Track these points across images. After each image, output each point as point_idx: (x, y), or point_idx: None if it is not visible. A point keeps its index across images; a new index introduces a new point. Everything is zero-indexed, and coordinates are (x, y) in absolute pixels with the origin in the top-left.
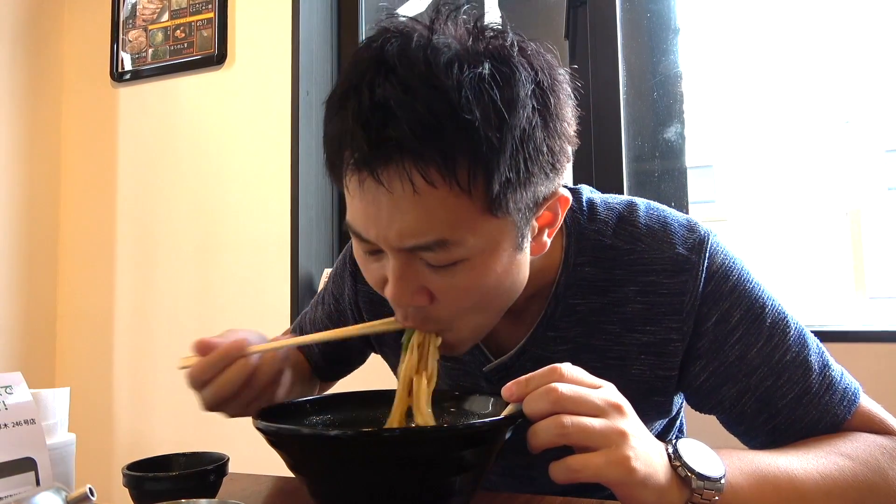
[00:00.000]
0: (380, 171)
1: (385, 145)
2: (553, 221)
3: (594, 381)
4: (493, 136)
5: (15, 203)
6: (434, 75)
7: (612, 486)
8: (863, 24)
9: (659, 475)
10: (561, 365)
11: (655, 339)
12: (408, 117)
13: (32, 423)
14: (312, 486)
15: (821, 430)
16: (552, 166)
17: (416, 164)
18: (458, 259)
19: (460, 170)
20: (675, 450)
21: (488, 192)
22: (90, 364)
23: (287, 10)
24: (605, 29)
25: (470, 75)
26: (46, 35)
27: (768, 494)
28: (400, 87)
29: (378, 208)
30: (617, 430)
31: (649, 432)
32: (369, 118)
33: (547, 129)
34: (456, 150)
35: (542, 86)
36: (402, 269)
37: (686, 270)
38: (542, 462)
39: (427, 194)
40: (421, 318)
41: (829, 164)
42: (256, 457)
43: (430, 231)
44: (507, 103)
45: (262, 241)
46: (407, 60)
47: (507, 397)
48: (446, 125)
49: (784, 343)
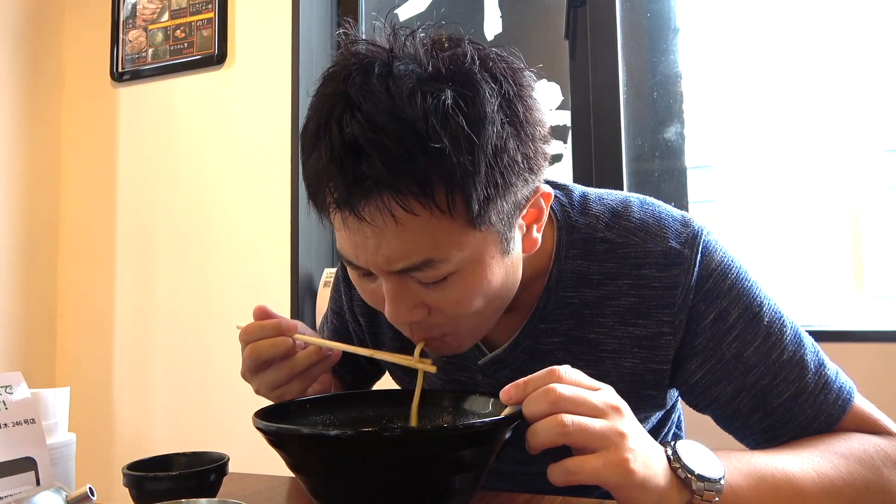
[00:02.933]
0: (360, 208)
1: (361, 183)
2: (539, 217)
3: (593, 384)
4: (465, 159)
5: (15, 202)
6: (398, 108)
7: (610, 488)
8: (863, 23)
9: (658, 477)
10: (559, 367)
11: (648, 332)
12: (379, 153)
13: (32, 423)
14: (312, 486)
15: (815, 429)
16: (529, 170)
17: (394, 196)
18: (447, 273)
19: (438, 195)
20: (674, 451)
21: (468, 210)
22: (90, 364)
23: (287, 10)
24: (605, 29)
25: (434, 103)
26: (46, 35)
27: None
28: (367, 125)
29: (364, 238)
30: (616, 431)
31: (648, 434)
32: (342, 158)
33: (519, 137)
34: (431, 177)
35: (507, 97)
36: (397, 290)
37: (678, 264)
38: (541, 462)
39: (409, 222)
40: (422, 328)
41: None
42: (256, 457)
43: (416, 253)
44: (475, 124)
45: (262, 241)
46: (370, 94)
47: (505, 400)
48: (417, 156)
49: (781, 342)
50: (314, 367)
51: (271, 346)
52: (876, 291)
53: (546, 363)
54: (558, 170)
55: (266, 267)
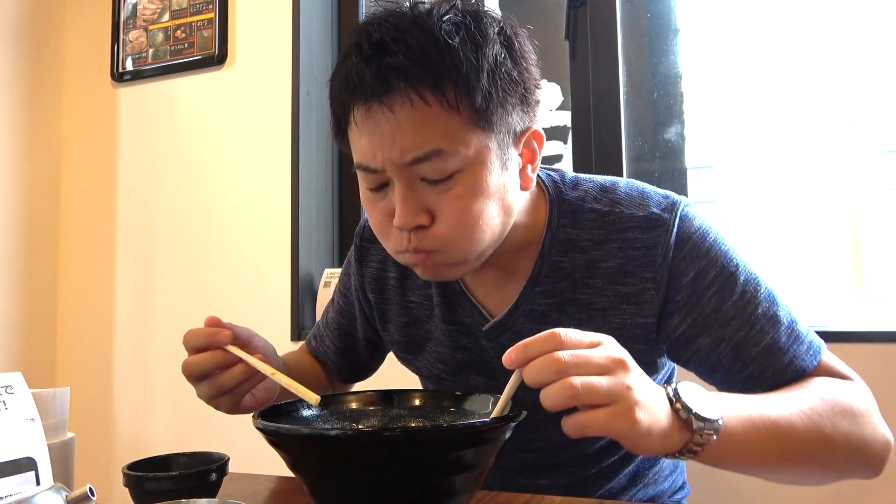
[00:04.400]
0: (383, 98)
1: (386, 75)
2: (533, 158)
3: (593, 339)
4: (471, 56)
5: (15, 202)
6: (419, 17)
7: (618, 437)
8: (863, 23)
9: (661, 421)
10: (558, 330)
11: (634, 289)
12: (403, 50)
13: (32, 423)
14: (312, 486)
15: (789, 377)
16: (522, 97)
17: (412, 86)
18: (453, 171)
19: (448, 90)
20: (675, 392)
21: (473, 106)
22: (90, 364)
23: (287, 10)
24: (605, 29)
25: (448, 17)
26: (46, 35)
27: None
28: (394, 29)
29: (382, 133)
30: (623, 384)
31: (650, 380)
32: (370, 56)
33: (514, 61)
34: (443, 73)
35: (505, 31)
36: (406, 190)
37: (659, 226)
38: (541, 462)
39: (423, 110)
40: (420, 239)
41: (829, 164)
42: (256, 457)
43: (428, 143)
44: (481, 35)
45: (263, 241)
46: (396, 14)
47: (507, 364)
48: (433, 53)
49: (755, 299)
50: (241, 385)
51: (198, 364)
52: (876, 292)
53: (544, 324)
54: None
55: (266, 267)
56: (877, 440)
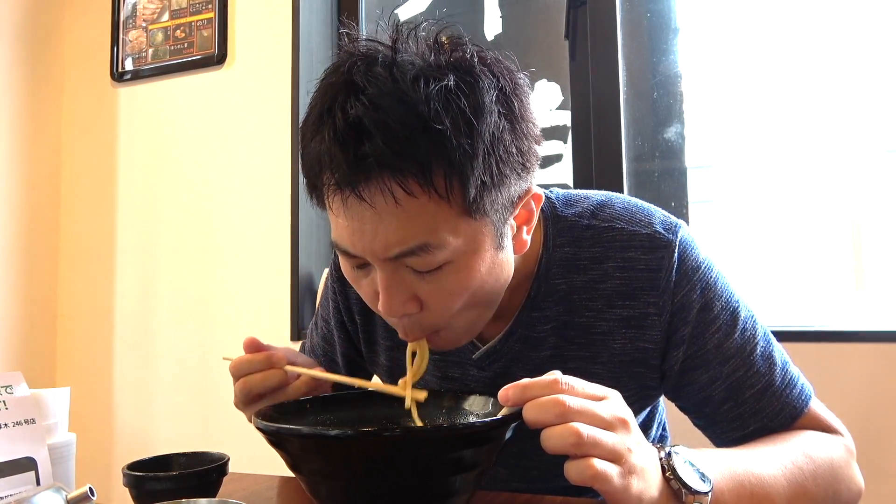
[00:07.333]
0: (361, 189)
1: (363, 163)
2: (530, 219)
3: (597, 392)
4: (464, 142)
5: (15, 203)
6: (402, 91)
7: (606, 497)
8: (863, 23)
9: (652, 490)
10: (561, 377)
11: (635, 313)
12: (382, 133)
13: (33, 423)
14: (312, 486)
15: (779, 423)
16: (522, 166)
17: (394, 177)
18: (442, 262)
19: (437, 178)
20: (668, 461)
21: (465, 196)
22: (90, 364)
23: (287, 10)
24: (605, 29)
25: (436, 88)
26: (46, 35)
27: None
28: (371, 106)
29: (362, 223)
30: (626, 445)
31: (648, 443)
32: (345, 138)
33: (514, 131)
34: (431, 160)
35: (504, 91)
36: (391, 279)
37: (663, 247)
38: (541, 462)
39: (408, 204)
40: (414, 326)
41: (829, 164)
42: (256, 457)
43: (413, 237)
44: (475, 110)
45: (263, 242)
46: (374, 79)
47: (503, 401)
48: (419, 137)
49: (754, 338)
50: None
51: (262, 381)
52: (876, 291)
53: (540, 350)
54: (558, 170)
55: (266, 267)
56: (851, 492)
